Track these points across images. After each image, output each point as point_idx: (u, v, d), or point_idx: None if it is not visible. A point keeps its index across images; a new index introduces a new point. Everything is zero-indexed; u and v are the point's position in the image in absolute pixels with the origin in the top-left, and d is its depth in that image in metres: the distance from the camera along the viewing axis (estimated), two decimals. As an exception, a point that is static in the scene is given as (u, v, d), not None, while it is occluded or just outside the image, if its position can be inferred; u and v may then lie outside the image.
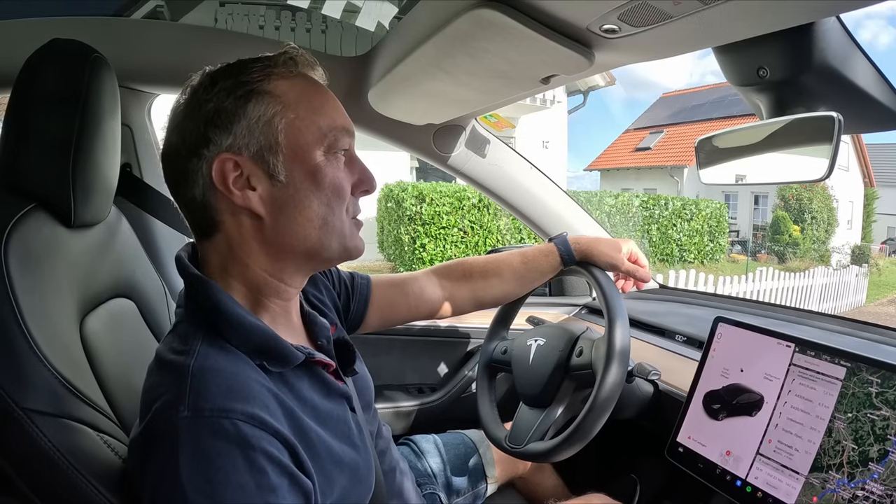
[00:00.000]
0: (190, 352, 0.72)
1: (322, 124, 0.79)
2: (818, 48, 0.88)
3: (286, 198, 0.78)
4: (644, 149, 20.33)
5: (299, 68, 0.82)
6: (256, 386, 0.71)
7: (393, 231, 9.22)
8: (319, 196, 0.79)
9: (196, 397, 0.67)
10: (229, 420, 0.66)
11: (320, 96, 0.82)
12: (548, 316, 1.76)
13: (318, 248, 0.81)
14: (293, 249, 0.80)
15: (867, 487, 0.83)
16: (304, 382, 0.81)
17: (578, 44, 0.90)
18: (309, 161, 0.78)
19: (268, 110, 0.77)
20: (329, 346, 0.92)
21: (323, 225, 0.80)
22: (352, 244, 0.83)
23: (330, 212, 0.80)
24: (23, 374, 0.72)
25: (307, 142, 0.78)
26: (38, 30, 1.23)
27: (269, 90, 0.78)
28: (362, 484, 0.86)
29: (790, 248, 15.00)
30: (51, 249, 0.85)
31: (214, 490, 0.64)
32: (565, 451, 1.13)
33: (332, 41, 6.17)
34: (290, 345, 0.79)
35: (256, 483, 0.65)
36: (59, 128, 0.87)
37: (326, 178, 0.79)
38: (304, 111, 0.79)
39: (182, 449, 0.64)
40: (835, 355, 0.94)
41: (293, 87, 0.80)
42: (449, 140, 1.62)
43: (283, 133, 0.77)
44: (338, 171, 0.81)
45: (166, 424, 0.66)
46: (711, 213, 12.68)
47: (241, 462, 0.65)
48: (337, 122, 0.81)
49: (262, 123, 0.76)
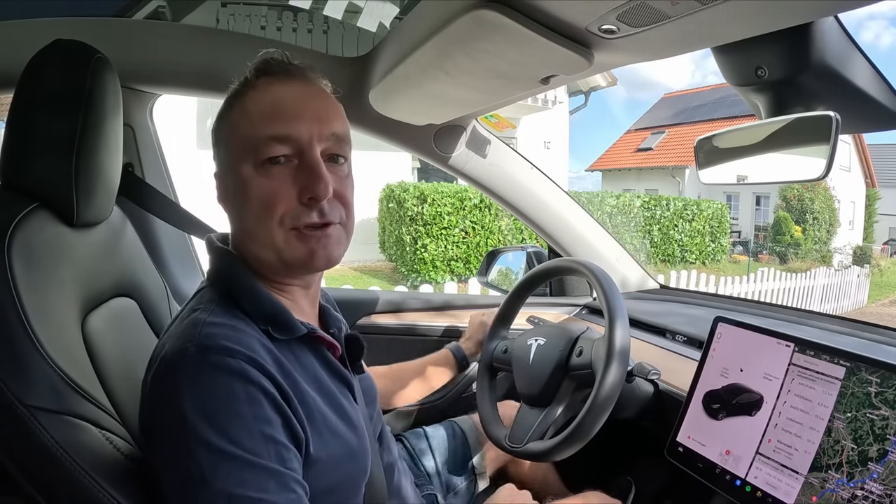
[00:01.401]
0: (205, 309, 0.78)
1: (247, 136, 0.80)
2: (816, 48, 0.88)
3: (231, 210, 0.85)
4: (646, 149, 20.32)
5: (259, 79, 0.83)
6: (258, 344, 0.76)
7: (394, 231, 9.22)
8: (249, 208, 0.80)
9: (204, 338, 0.72)
10: (232, 358, 0.71)
11: (260, 105, 0.81)
12: (548, 316, 1.77)
13: (258, 258, 0.84)
14: (253, 261, 0.85)
15: (866, 487, 0.83)
16: (308, 355, 0.85)
17: (577, 44, 0.90)
18: (238, 175, 0.81)
19: (222, 134, 0.84)
20: (339, 336, 0.95)
21: (253, 237, 0.82)
22: (288, 256, 0.81)
23: (257, 224, 0.80)
24: (26, 371, 0.72)
25: (236, 157, 0.81)
26: (40, 30, 1.23)
27: (227, 114, 0.84)
28: (357, 463, 0.87)
29: (792, 248, 14.98)
30: (53, 248, 0.86)
31: (215, 415, 0.68)
32: (565, 451, 1.13)
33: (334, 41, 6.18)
34: (297, 319, 0.83)
35: (253, 413, 0.70)
36: (62, 128, 0.87)
37: (253, 191, 0.80)
38: (238, 125, 0.82)
39: (185, 378, 0.70)
40: (834, 355, 0.94)
41: (241, 103, 0.83)
42: (450, 140, 1.62)
43: (226, 151, 0.83)
44: (268, 182, 0.79)
45: (173, 360, 0.72)
46: (713, 213, 12.67)
47: (240, 392, 0.70)
48: (264, 132, 0.79)
49: (220, 145, 0.85)
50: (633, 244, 11.47)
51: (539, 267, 1.44)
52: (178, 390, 0.69)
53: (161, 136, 1.59)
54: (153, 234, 1.55)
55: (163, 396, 0.71)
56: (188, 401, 0.68)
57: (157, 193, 1.48)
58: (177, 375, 0.70)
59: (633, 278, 1.99)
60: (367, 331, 1.75)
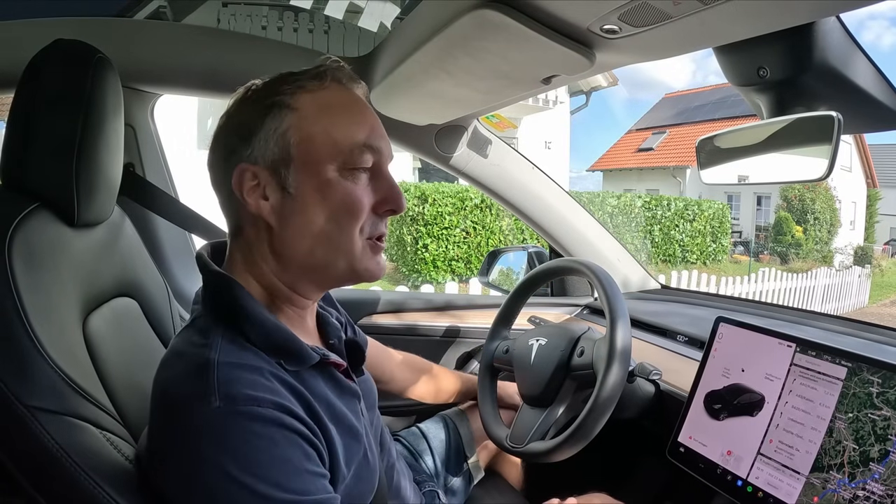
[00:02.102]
0: (211, 345, 0.74)
1: (339, 139, 0.79)
2: (818, 48, 0.88)
3: (294, 210, 0.79)
4: (647, 149, 20.32)
5: (328, 81, 0.82)
6: (275, 381, 0.74)
7: (395, 231, 9.22)
8: (327, 212, 0.78)
9: (226, 387, 0.69)
10: (262, 407, 0.69)
11: (344, 110, 0.81)
12: (549, 316, 1.77)
13: (324, 265, 0.81)
14: (300, 262, 0.81)
15: (868, 487, 0.83)
16: (319, 381, 0.83)
17: (579, 44, 0.90)
18: (320, 176, 0.78)
19: (283, 123, 0.78)
20: (340, 346, 0.94)
21: (328, 241, 0.79)
22: (361, 266, 0.81)
23: (337, 229, 0.79)
24: (26, 371, 0.72)
25: (319, 156, 0.78)
26: (41, 30, 1.23)
27: (288, 103, 0.79)
28: (366, 483, 0.88)
29: (793, 248, 14.98)
30: (54, 248, 0.85)
31: (261, 469, 0.67)
32: (566, 451, 1.13)
33: (335, 42, 6.18)
34: (307, 345, 0.80)
35: (295, 455, 0.70)
36: (63, 128, 0.87)
37: (337, 194, 0.78)
38: (322, 125, 0.79)
39: (222, 438, 0.67)
40: (836, 355, 0.93)
41: (315, 100, 0.80)
42: (451, 140, 1.62)
43: (295, 146, 0.78)
44: (354, 187, 0.79)
45: (198, 416, 0.68)
46: (714, 213, 12.67)
47: (279, 438, 0.70)
48: (357, 139, 0.80)
49: (278, 135, 0.78)
50: (634, 244, 11.47)
51: (540, 267, 1.44)
52: (215, 449, 0.67)
53: (162, 137, 1.59)
54: (154, 234, 1.55)
55: (194, 453, 0.68)
56: (229, 460, 0.67)
57: (159, 191, 1.48)
58: (208, 433, 0.67)
59: (635, 278, 1.99)
60: (368, 331, 1.73)
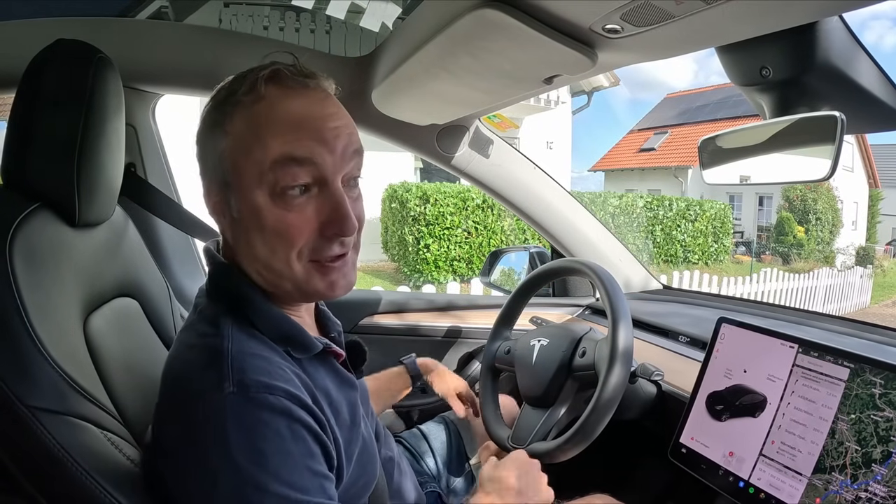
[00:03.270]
0: (222, 335, 0.74)
1: (262, 159, 0.73)
2: (821, 48, 0.88)
3: (240, 233, 0.78)
4: (648, 149, 20.30)
5: (266, 88, 0.74)
6: (286, 370, 0.74)
7: (397, 231, 9.22)
8: (262, 238, 0.75)
9: (240, 375, 0.69)
10: (273, 395, 0.69)
11: (272, 124, 0.73)
12: (551, 316, 1.77)
13: (274, 285, 0.79)
14: (258, 281, 0.80)
15: (870, 489, 0.83)
16: (320, 371, 0.83)
17: (581, 44, 0.90)
18: (250, 202, 0.74)
19: (219, 145, 0.75)
20: (340, 340, 0.94)
21: (268, 266, 0.77)
22: (310, 288, 0.78)
23: (272, 255, 0.75)
24: (27, 371, 0.72)
25: (248, 182, 0.74)
26: (42, 30, 1.24)
27: (223, 125, 0.75)
28: (367, 472, 0.88)
29: (794, 249, 14.96)
30: (55, 248, 0.85)
31: (265, 458, 0.67)
32: (568, 452, 1.13)
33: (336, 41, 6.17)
34: (311, 335, 0.81)
35: (299, 451, 0.70)
36: (64, 128, 0.87)
37: (268, 222, 0.74)
38: (249, 146, 0.73)
39: (232, 423, 0.67)
40: (838, 356, 0.93)
41: (246, 119, 0.74)
42: (452, 140, 1.62)
43: (229, 172, 0.75)
44: (285, 214, 0.74)
45: (211, 402, 0.68)
46: (716, 213, 12.66)
47: (286, 432, 0.69)
48: (278, 153, 0.72)
49: (217, 158, 0.76)
50: (635, 244, 11.47)
51: (542, 267, 1.44)
52: (224, 434, 0.67)
53: (163, 136, 1.59)
54: (155, 234, 1.55)
55: (204, 438, 0.68)
56: (235, 445, 0.66)
57: (159, 194, 1.48)
58: (220, 418, 0.67)
59: (636, 279, 1.99)
60: (369, 331, 1.75)
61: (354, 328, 1.74)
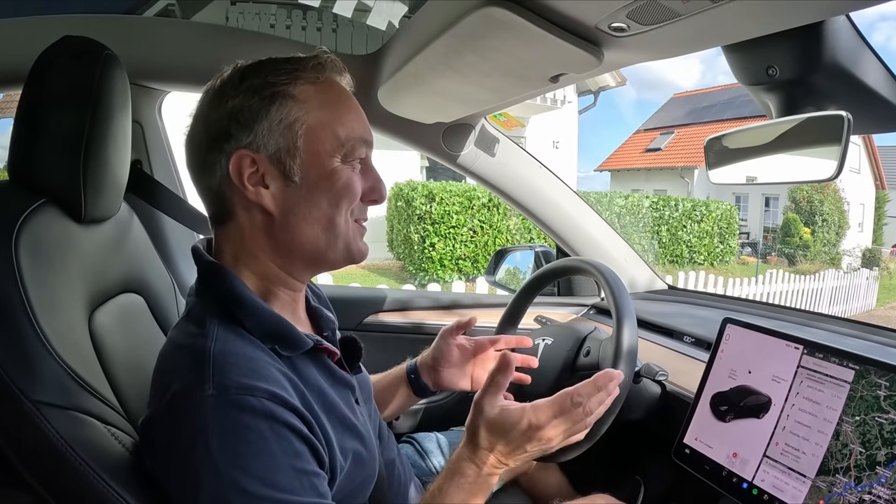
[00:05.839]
0: (207, 335, 0.75)
1: (341, 133, 0.81)
2: (828, 47, 0.88)
3: (298, 198, 0.80)
4: (654, 149, 20.25)
5: (327, 74, 0.83)
6: (272, 369, 0.74)
7: (403, 230, 9.23)
8: (329, 196, 0.81)
9: (220, 377, 0.70)
10: (254, 397, 0.70)
11: (343, 105, 0.84)
12: (556, 316, 1.76)
13: (325, 248, 0.83)
14: (301, 247, 0.82)
15: (874, 491, 0.83)
16: (312, 369, 0.83)
17: (587, 42, 0.89)
18: (325, 166, 0.81)
19: (290, 114, 0.79)
20: (334, 338, 0.94)
21: (329, 225, 0.82)
22: (355, 247, 0.85)
23: (337, 212, 0.82)
24: (32, 365, 0.73)
25: (325, 149, 0.80)
26: (49, 27, 1.24)
27: (293, 94, 0.80)
28: (366, 470, 0.88)
29: (800, 250, 14.91)
30: (61, 244, 0.86)
31: (246, 461, 0.67)
32: (572, 452, 1.13)
33: (343, 39, 6.19)
34: (300, 331, 0.81)
35: (283, 451, 0.70)
36: (71, 124, 0.87)
37: (340, 182, 0.81)
38: (326, 119, 0.81)
39: (211, 425, 0.68)
40: (843, 358, 0.93)
41: (318, 93, 0.82)
42: (458, 139, 1.62)
43: (302, 138, 0.80)
44: (353, 175, 0.83)
45: (192, 403, 0.69)
46: (722, 214, 12.63)
47: (268, 433, 0.69)
48: (356, 133, 0.83)
49: (284, 126, 0.79)
50: (641, 245, 11.45)
51: (547, 266, 1.44)
52: (204, 437, 0.67)
53: (169, 133, 1.59)
54: (161, 231, 1.55)
55: (185, 444, 0.69)
56: (216, 448, 0.67)
57: (165, 190, 1.48)
58: (200, 420, 0.68)
59: (642, 279, 1.98)
60: (374, 329, 1.75)
61: (359, 325, 1.75)
